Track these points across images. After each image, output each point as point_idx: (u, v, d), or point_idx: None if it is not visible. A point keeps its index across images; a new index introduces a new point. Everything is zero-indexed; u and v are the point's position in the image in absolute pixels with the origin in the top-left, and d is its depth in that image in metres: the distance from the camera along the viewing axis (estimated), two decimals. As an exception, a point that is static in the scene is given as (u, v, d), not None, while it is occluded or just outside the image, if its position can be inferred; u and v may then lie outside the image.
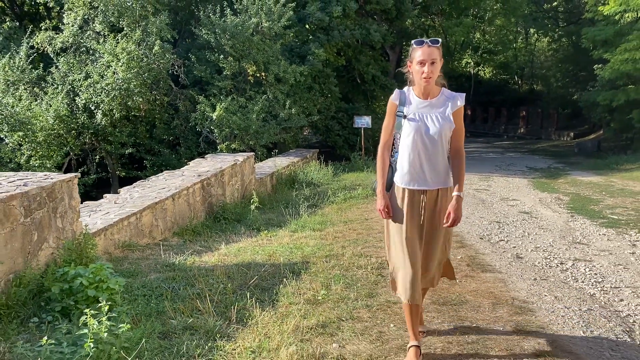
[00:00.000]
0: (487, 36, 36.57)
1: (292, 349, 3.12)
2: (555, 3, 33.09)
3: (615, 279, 4.76)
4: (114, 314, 3.28)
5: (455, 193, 3.01)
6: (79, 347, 2.92)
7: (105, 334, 2.94)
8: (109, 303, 3.32)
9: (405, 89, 3.10)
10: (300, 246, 5.77)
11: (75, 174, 5.09)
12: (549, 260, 5.41)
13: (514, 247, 6.00)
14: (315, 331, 3.43)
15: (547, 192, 11.09)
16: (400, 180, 3.08)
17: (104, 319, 2.97)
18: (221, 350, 3.20)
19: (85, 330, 2.91)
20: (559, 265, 5.23)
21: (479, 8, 29.95)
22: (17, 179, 4.71)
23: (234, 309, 3.75)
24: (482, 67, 43.07)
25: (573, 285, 4.56)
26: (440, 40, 2.98)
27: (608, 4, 19.87)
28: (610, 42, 21.36)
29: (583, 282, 4.66)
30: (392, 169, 3.14)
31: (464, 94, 3.08)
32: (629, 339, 3.42)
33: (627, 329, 3.58)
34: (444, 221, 3.01)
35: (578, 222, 7.55)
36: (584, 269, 5.06)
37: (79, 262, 4.54)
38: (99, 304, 3.20)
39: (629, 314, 3.89)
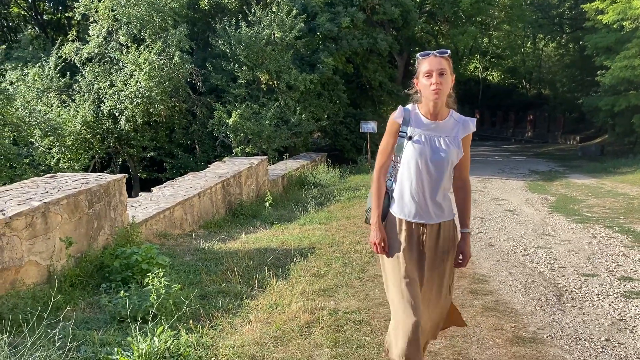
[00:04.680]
0: (495, 41, 37.31)
1: (300, 304, 4.18)
2: (561, 10, 33.84)
3: (564, 262, 5.77)
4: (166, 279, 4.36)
5: (463, 230, 2.75)
6: (144, 300, 3.99)
7: (164, 291, 4.02)
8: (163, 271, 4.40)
9: (410, 106, 2.73)
10: (308, 236, 6.84)
11: (124, 174, 6.20)
12: (515, 247, 6.44)
13: (490, 237, 7.03)
14: (317, 294, 4.49)
15: (536, 193, 12.01)
16: (399, 211, 2.72)
17: (162, 279, 4.04)
18: (247, 306, 4.27)
19: (150, 287, 3.99)
20: (522, 251, 6.26)
21: (485, 16, 30.81)
22: (79, 179, 5.82)
23: (255, 279, 4.82)
24: (491, 71, 43.78)
25: (528, 265, 5.59)
26: (449, 51, 2.64)
27: (607, 13, 20.72)
28: (612, 49, 22.09)
29: (537, 263, 5.69)
30: (387, 197, 2.76)
31: (475, 119, 2.75)
32: (556, 300, 4.46)
33: (558, 294, 4.61)
34: (459, 261, 2.75)
35: (554, 218, 8.53)
36: (542, 254, 6.07)
37: (127, 247, 5.63)
38: (152, 274, 4.28)
39: (564, 285, 4.91)
